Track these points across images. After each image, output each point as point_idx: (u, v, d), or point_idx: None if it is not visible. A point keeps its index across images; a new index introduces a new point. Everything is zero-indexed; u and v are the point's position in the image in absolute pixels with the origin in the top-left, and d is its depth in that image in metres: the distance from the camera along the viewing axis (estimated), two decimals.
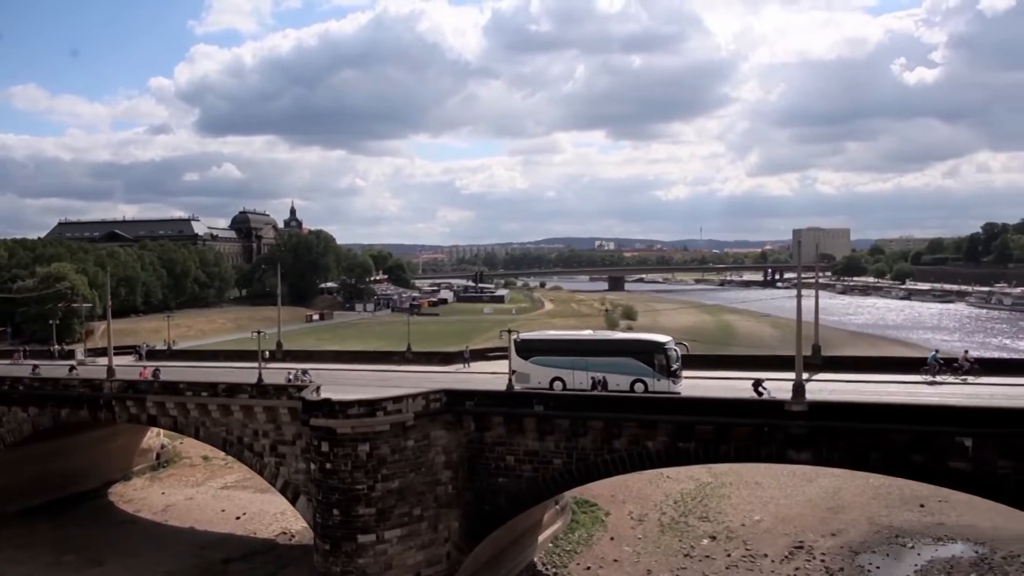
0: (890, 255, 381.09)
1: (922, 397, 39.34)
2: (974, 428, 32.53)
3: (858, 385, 44.51)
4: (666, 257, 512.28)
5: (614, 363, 44.84)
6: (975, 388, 43.07)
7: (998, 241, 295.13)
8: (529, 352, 47.83)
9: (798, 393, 35.39)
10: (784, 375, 40.74)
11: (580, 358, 45.73)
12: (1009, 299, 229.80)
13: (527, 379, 46.70)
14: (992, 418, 32.71)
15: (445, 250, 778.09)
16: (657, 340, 46.00)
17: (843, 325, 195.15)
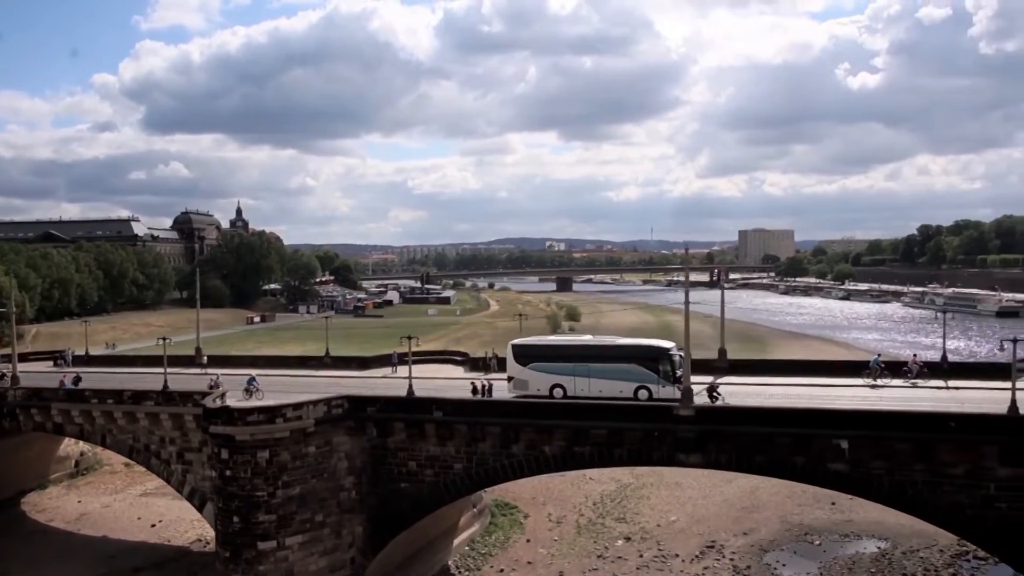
0: (832, 256, 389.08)
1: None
2: (850, 431, 33.65)
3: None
4: (615, 258, 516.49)
5: (617, 369, 43.66)
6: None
7: (932, 243, 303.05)
8: (527, 358, 46.37)
9: (686, 398, 36.19)
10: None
11: (582, 364, 44.59)
12: (941, 299, 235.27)
13: (525, 386, 45.43)
14: (866, 421, 33.85)
15: (396, 250, 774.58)
16: (662, 346, 45.43)
17: (782, 325, 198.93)
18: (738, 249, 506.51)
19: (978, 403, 37.85)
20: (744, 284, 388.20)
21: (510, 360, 46.89)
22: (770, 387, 46.23)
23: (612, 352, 46.03)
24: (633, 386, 43.05)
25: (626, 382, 43.18)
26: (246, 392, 45.75)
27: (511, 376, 46.04)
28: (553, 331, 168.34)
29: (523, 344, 48.32)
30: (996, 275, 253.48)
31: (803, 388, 45.81)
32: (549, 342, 50.63)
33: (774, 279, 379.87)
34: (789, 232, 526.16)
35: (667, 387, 42.52)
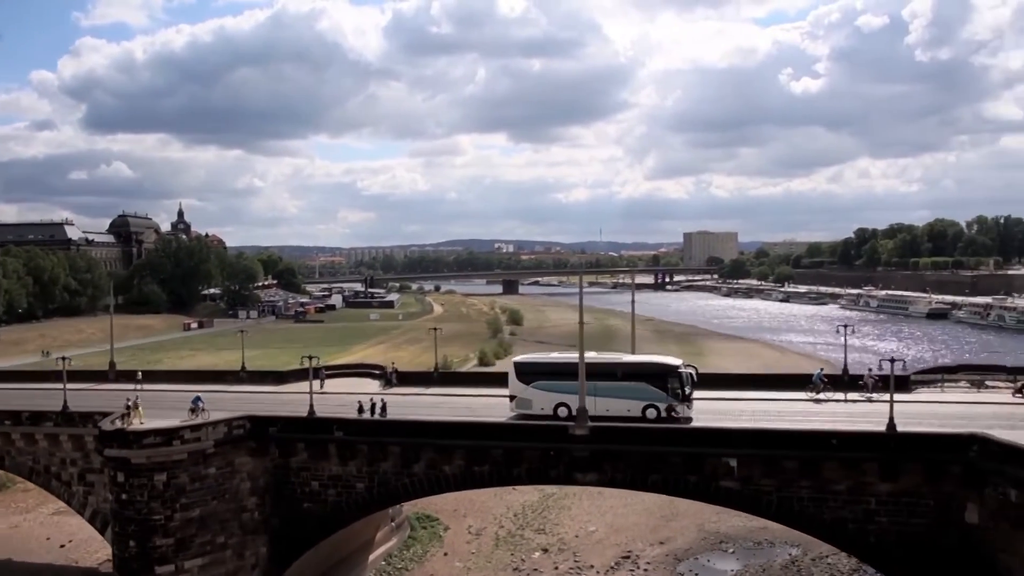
0: (773, 258, 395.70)
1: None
2: (739, 449, 34.29)
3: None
4: (562, 260, 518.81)
5: (625, 388, 42.30)
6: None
7: (868, 246, 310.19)
8: (530, 376, 44.70)
9: (581, 417, 36.52)
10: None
11: (588, 383, 41.96)
12: (875, 301, 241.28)
13: (528, 405, 43.85)
14: (755, 440, 34.53)
15: (344, 252, 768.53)
16: (670, 363, 44.25)
17: (721, 328, 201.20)
18: (683, 251, 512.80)
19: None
20: (688, 286, 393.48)
21: (512, 378, 45.07)
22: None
23: (619, 370, 44.04)
24: (641, 404, 42.02)
25: (634, 400, 42.08)
26: (191, 412, 44.39)
27: (513, 395, 44.48)
28: (493, 335, 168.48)
29: (526, 362, 46.54)
30: (927, 277, 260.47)
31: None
32: (553, 359, 48.28)
33: (717, 281, 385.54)
34: (733, 235, 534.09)
35: (677, 405, 41.91)
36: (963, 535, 32.40)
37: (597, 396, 41.81)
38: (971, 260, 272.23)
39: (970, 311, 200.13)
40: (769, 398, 47.81)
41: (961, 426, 39.64)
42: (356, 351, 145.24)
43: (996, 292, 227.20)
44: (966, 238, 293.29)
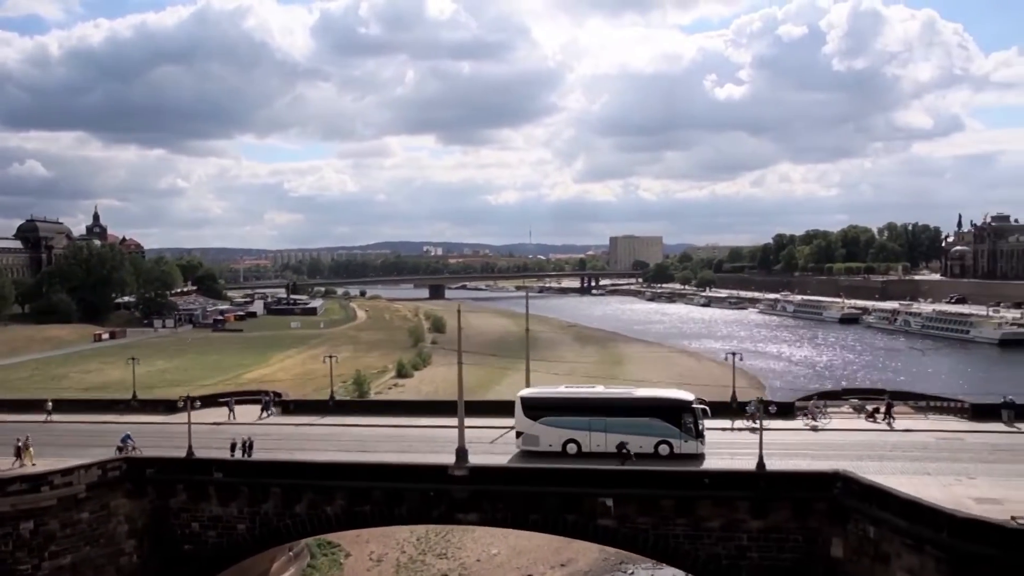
0: (696, 263, 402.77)
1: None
2: (615, 489, 34.66)
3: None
4: (490, 263, 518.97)
5: (636, 424, 41.04)
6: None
7: (786, 251, 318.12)
8: (538, 411, 43.12)
9: (460, 458, 36.44)
10: None
11: (598, 418, 41.83)
12: (791, 306, 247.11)
13: (536, 441, 42.44)
14: (630, 479, 34.95)
15: (271, 255, 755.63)
16: (684, 398, 43.31)
17: (642, 335, 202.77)
18: (609, 255, 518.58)
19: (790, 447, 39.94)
20: (614, 290, 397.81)
21: (519, 413, 43.52)
22: None
23: (631, 405, 43.17)
24: (653, 441, 41.07)
25: (646, 437, 40.95)
26: (119, 451, 42.82)
27: (520, 431, 43.14)
28: (414, 344, 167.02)
29: (533, 396, 44.78)
30: (841, 282, 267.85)
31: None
32: (562, 394, 45.70)
33: (642, 285, 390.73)
34: (657, 239, 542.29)
35: (690, 442, 41.08)
36: (829, 569, 33.39)
37: (608, 432, 41.17)
38: (882, 266, 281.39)
39: (879, 316, 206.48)
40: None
41: (836, 456, 40.90)
42: (274, 362, 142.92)
43: (904, 297, 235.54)
44: (877, 244, 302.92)
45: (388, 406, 56.93)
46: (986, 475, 36.73)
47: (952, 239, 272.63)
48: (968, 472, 37.18)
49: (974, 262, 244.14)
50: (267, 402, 56.94)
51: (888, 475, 36.90)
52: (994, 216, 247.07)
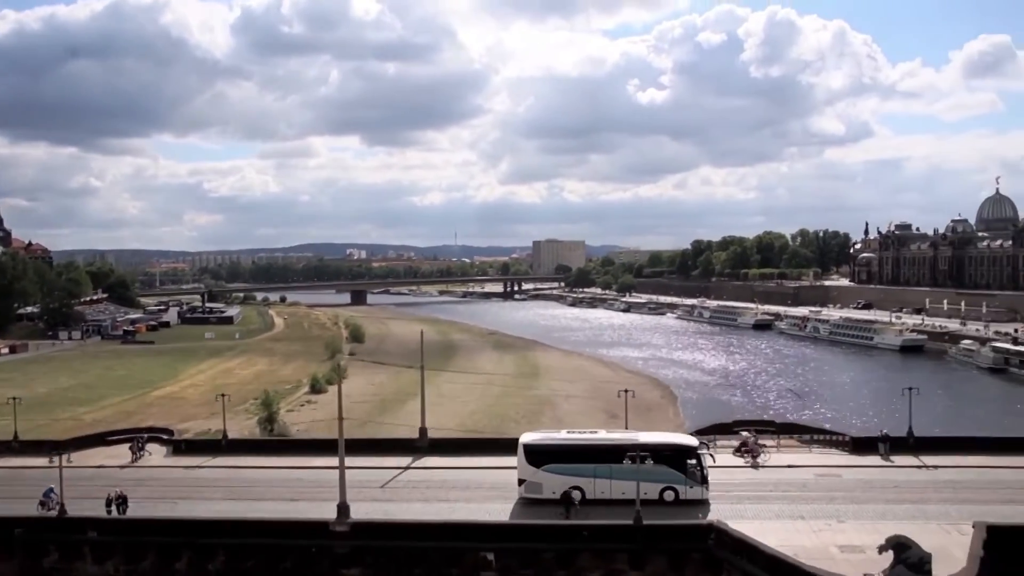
0: (617, 267, 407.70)
1: None
2: (496, 543, 34.84)
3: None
4: (414, 267, 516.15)
5: (642, 470, 40.19)
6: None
7: (703, 257, 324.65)
8: (541, 457, 42.45)
9: (342, 514, 36.14)
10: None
11: (603, 465, 41.46)
12: (707, 312, 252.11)
13: (539, 489, 41.88)
14: (511, 533, 35.19)
15: (191, 256, 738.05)
16: (689, 443, 43.18)
17: (561, 343, 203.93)
18: (533, 259, 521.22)
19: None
20: (536, 295, 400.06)
21: (521, 461, 42.76)
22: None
23: (636, 450, 41.92)
24: (659, 487, 40.99)
25: (651, 483, 40.47)
26: (41, 506, 40.54)
27: (522, 479, 42.40)
28: (331, 356, 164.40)
29: (536, 443, 43.74)
30: (756, 288, 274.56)
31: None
32: (566, 441, 44.74)
33: (564, 290, 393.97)
34: (580, 243, 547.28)
35: (695, 487, 41.16)
36: None
37: (613, 479, 41.09)
38: (794, 271, 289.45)
39: (790, 323, 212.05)
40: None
41: (720, 498, 41.89)
42: (184, 378, 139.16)
43: (815, 302, 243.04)
44: (790, 250, 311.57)
45: (282, 445, 55.94)
46: (855, 517, 38.26)
47: (859, 246, 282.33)
48: (839, 514, 38.65)
49: (879, 269, 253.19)
50: (139, 443, 54.17)
51: (765, 520, 38.18)
52: (897, 225, 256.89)
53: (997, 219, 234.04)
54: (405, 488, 44.69)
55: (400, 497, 43.51)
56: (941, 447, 46.87)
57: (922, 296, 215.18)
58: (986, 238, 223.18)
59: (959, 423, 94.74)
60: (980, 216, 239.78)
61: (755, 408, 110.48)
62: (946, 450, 46.65)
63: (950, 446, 47.30)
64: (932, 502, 40.63)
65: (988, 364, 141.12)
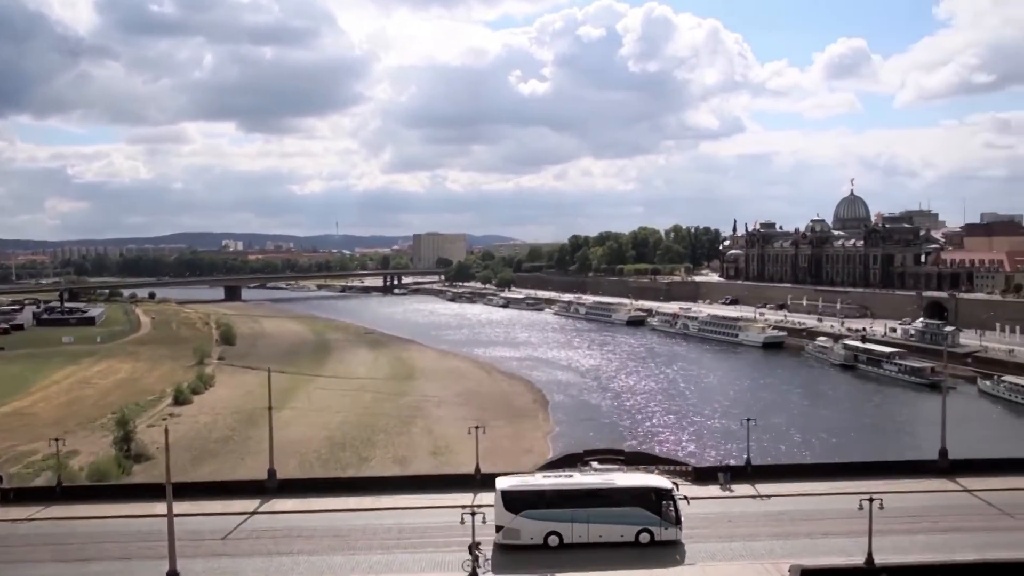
0: (497, 261, 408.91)
1: None
2: None
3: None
4: (293, 261, 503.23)
5: (619, 514, 41.18)
6: None
7: (580, 252, 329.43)
8: (519, 505, 41.91)
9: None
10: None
11: (580, 510, 41.35)
12: (584, 308, 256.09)
13: (517, 535, 41.46)
14: None
15: (51, 248, 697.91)
16: (664, 486, 43.22)
17: (438, 342, 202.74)
18: (413, 252, 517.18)
19: None
20: (417, 289, 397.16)
21: (499, 508, 42.04)
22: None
23: (613, 495, 42.55)
24: (635, 530, 41.36)
25: (628, 526, 41.28)
26: None
27: (500, 525, 41.62)
28: (199, 361, 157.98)
29: (515, 490, 43.01)
30: (631, 284, 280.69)
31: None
32: (544, 486, 44.03)
33: (445, 284, 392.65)
34: (462, 236, 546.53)
35: (670, 528, 41.46)
36: None
37: (591, 523, 41.18)
38: (667, 267, 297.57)
39: (662, 320, 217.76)
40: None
41: None
42: (35, 391, 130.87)
43: (687, 297, 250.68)
44: (664, 245, 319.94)
45: (123, 490, 53.00)
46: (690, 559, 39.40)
47: (728, 243, 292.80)
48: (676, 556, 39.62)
49: (746, 265, 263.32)
50: None
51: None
52: (762, 223, 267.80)
53: (851, 218, 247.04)
54: (249, 539, 43.18)
55: (242, 551, 41.81)
56: (777, 475, 48.83)
57: (784, 292, 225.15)
58: (841, 237, 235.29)
59: (810, 428, 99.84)
60: (836, 215, 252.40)
61: (623, 413, 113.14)
62: (782, 477, 48.64)
63: (786, 473, 49.33)
64: (762, 537, 42.28)
65: (839, 361, 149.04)
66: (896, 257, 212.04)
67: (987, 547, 39.67)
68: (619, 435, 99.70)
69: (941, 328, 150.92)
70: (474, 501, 46.37)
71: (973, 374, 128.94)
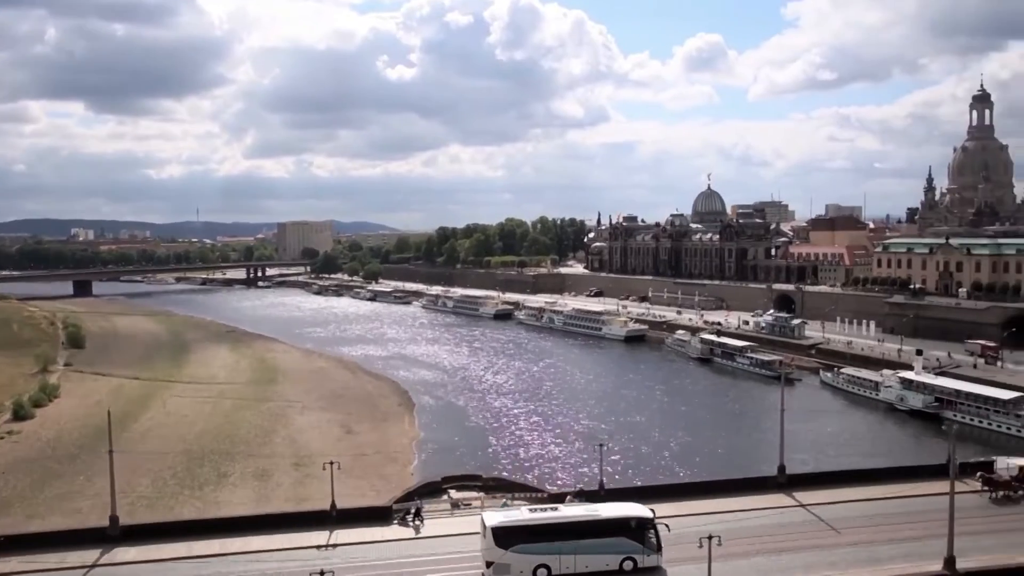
0: (364, 252, 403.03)
1: None
2: None
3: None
4: (149, 252, 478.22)
5: (605, 544, 42.42)
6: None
7: (448, 244, 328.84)
8: (509, 540, 42.10)
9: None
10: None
11: (568, 542, 42.14)
12: (451, 302, 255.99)
13: (507, 570, 41.83)
14: None
15: None
16: (646, 515, 43.81)
17: (303, 339, 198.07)
18: (278, 241, 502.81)
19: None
20: (282, 282, 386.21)
21: (489, 543, 42.18)
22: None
23: (598, 526, 43.25)
24: (619, 558, 42.39)
25: (612, 555, 42.45)
26: None
27: (490, 561, 41.92)
28: (43, 368, 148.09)
29: (505, 525, 42.87)
30: (498, 276, 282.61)
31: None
32: (534, 521, 44.04)
33: (311, 276, 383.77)
34: (328, 223, 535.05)
35: (652, 555, 42.52)
36: None
37: (578, 554, 42.26)
38: (534, 259, 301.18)
39: (528, 313, 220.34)
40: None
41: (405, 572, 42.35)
42: None
43: (553, 290, 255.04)
44: (531, 237, 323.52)
45: None
46: None
47: (593, 235, 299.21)
48: None
49: (610, 257, 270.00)
50: None
51: None
52: (625, 217, 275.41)
53: (709, 212, 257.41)
54: None
55: None
56: (628, 497, 49.88)
57: (647, 285, 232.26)
58: (699, 231, 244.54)
59: (669, 427, 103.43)
60: (695, 209, 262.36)
61: (490, 416, 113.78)
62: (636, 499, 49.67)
63: (636, 495, 50.58)
64: None
65: (697, 354, 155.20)
66: (749, 251, 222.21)
67: (812, 567, 42.17)
68: (485, 440, 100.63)
69: (789, 321, 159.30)
70: (329, 540, 45.76)
71: (817, 365, 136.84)
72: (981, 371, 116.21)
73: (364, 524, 47.84)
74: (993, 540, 45.00)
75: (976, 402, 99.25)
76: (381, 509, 49.36)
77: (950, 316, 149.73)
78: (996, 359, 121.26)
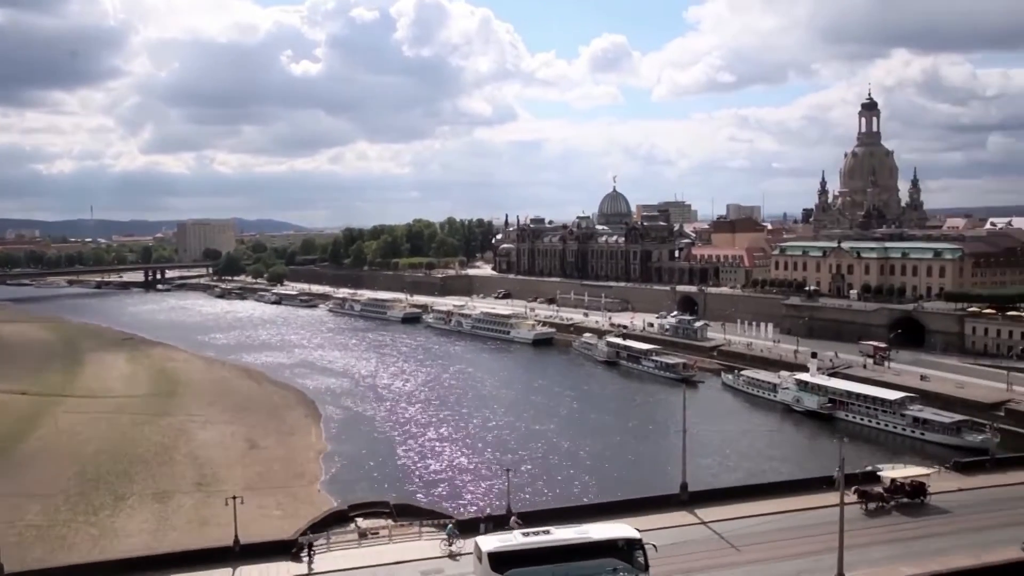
0: (269, 253, 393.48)
1: None
2: None
3: None
4: (39, 252, 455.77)
5: (596, 565, 43.08)
6: None
7: (355, 245, 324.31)
8: (506, 564, 42.54)
9: None
10: None
11: (561, 564, 42.82)
12: (359, 305, 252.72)
13: None
14: None
15: None
16: (634, 536, 44.80)
17: (205, 347, 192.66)
18: (178, 242, 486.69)
19: None
20: (182, 284, 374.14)
21: (484, 568, 42.71)
22: None
23: (591, 547, 43.90)
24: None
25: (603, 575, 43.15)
26: None
27: None
28: None
29: (501, 550, 43.16)
30: (406, 278, 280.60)
31: None
32: (529, 545, 43.89)
33: (213, 278, 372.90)
34: (230, 223, 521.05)
35: (641, 575, 43.45)
36: None
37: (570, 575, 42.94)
38: (442, 260, 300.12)
39: (436, 317, 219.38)
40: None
41: None
42: None
43: (461, 291, 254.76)
44: (439, 239, 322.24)
45: None
46: None
47: (501, 236, 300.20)
48: None
49: (518, 259, 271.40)
50: None
51: None
52: (533, 218, 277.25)
53: (615, 214, 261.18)
54: None
55: None
56: (541, 520, 50.10)
57: (554, 287, 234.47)
58: (605, 233, 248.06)
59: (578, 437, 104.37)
60: (601, 211, 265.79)
61: (398, 427, 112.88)
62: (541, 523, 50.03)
63: (546, 518, 50.98)
64: None
65: (603, 357, 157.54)
66: (653, 253, 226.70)
67: None
68: (393, 451, 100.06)
69: (692, 323, 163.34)
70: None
71: (719, 367, 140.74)
72: (870, 371, 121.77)
73: (268, 559, 46.77)
74: (879, 552, 47.18)
75: (866, 403, 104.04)
76: (286, 543, 48.21)
77: (842, 318, 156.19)
78: (885, 359, 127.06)
